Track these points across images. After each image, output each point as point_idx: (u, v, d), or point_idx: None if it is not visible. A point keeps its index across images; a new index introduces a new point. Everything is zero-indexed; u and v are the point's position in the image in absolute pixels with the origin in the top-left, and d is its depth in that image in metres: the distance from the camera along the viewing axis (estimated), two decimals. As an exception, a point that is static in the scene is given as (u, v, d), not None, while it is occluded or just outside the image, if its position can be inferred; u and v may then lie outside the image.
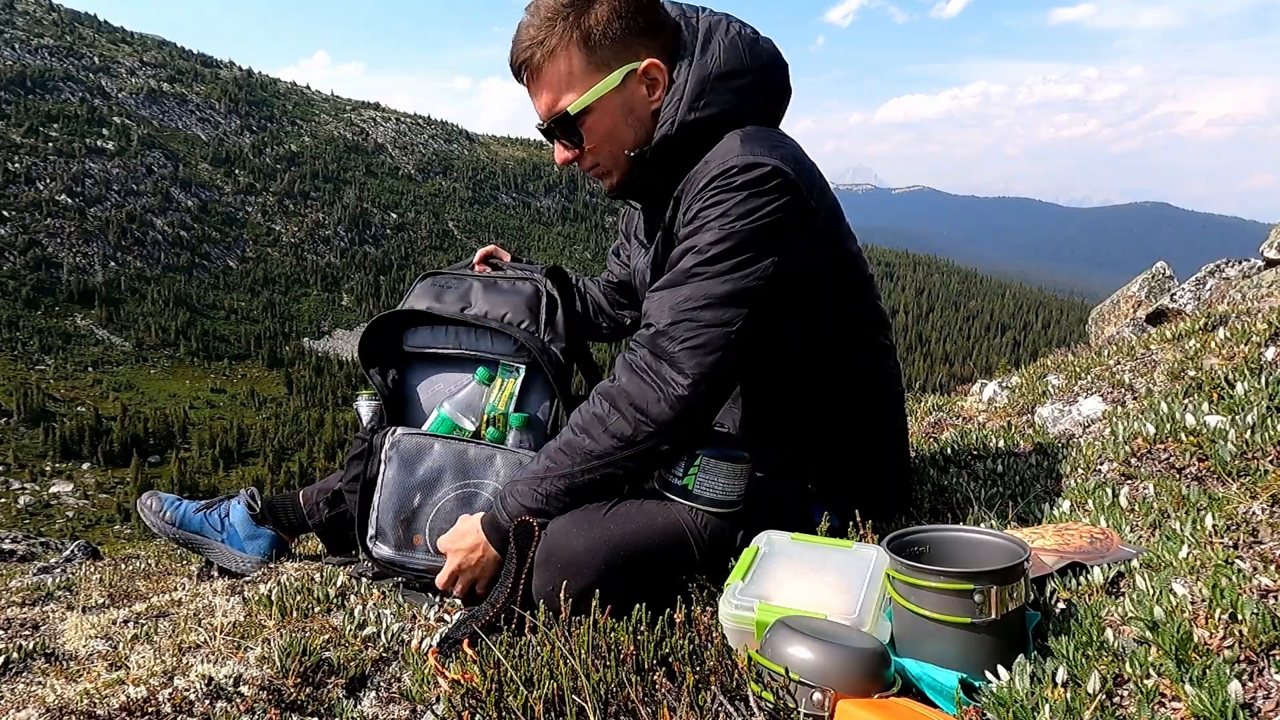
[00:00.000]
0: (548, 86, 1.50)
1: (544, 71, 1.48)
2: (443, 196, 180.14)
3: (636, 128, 1.52)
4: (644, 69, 1.49)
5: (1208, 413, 1.79)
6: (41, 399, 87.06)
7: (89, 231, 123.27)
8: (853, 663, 1.01)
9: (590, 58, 1.46)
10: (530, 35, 1.47)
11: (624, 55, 1.48)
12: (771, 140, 1.46)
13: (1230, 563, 1.14)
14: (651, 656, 1.20)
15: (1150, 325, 4.80)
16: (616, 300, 2.13)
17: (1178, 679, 0.91)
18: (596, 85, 1.47)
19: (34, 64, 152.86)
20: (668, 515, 1.48)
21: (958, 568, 1.11)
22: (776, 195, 1.39)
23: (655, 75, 1.50)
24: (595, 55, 1.46)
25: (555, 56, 1.46)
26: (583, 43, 1.45)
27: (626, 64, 1.48)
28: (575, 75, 1.47)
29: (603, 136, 1.52)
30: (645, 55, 1.49)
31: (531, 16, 1.48)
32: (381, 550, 1.77)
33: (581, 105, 1.48)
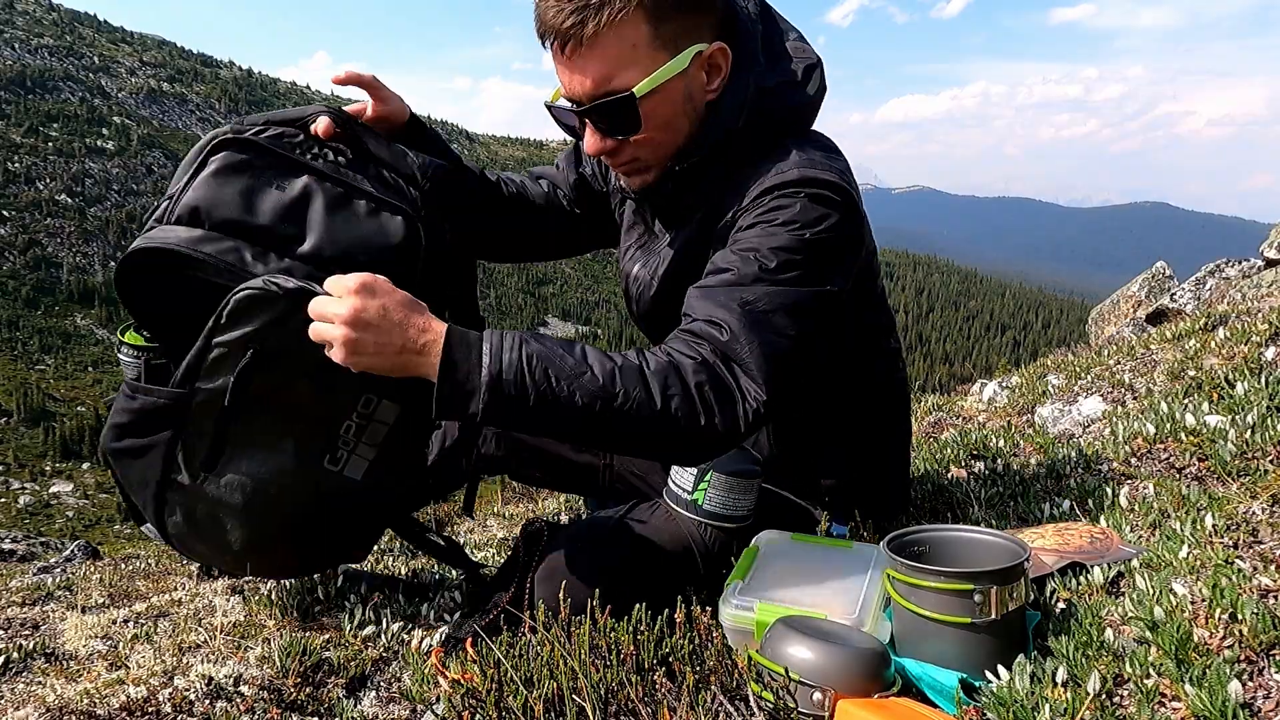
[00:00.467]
0: (600, 60, 1.25)
1: (598, 42, 1.24)
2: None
3: (691, 119, 1.34)
4: (711, 53, 1.31)
5: (1208, 413, 1.79)
6: (41, 399, 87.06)
7: (89, 231, 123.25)
8: (853, 663, 1.01)
9: (657, 32, 1.25)
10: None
11: (691, 34, 1.29)
12: (828, 150, 1.37)
13: (1230, 563, 1.14)
14: (651, 656, 1.20)
15: (1150, 325, 4.80)
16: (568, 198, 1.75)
17: (1178, 679, 0.91)
18: (665, 65, 1.27)
19: (34, 64, 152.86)
20: (675, 530, 1.46)
21: (958, 568, 1.11)
22: (841, 210, 1.29)
23: (720, 62, 1.32)
24: (663, 30, 1.26)
25: (617, 26, 1.22)
26: (651, 14, 1.24)
27: (694, 44, 1.29)
28: (639, 50, 1.25)
29: (659, 125, 1.31)
30: (710, 35, 1.31)
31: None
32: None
33: (649, 87, 1.26)
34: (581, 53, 1.26)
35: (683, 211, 1.46)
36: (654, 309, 1.53)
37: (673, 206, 1.47)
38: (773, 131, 1.37)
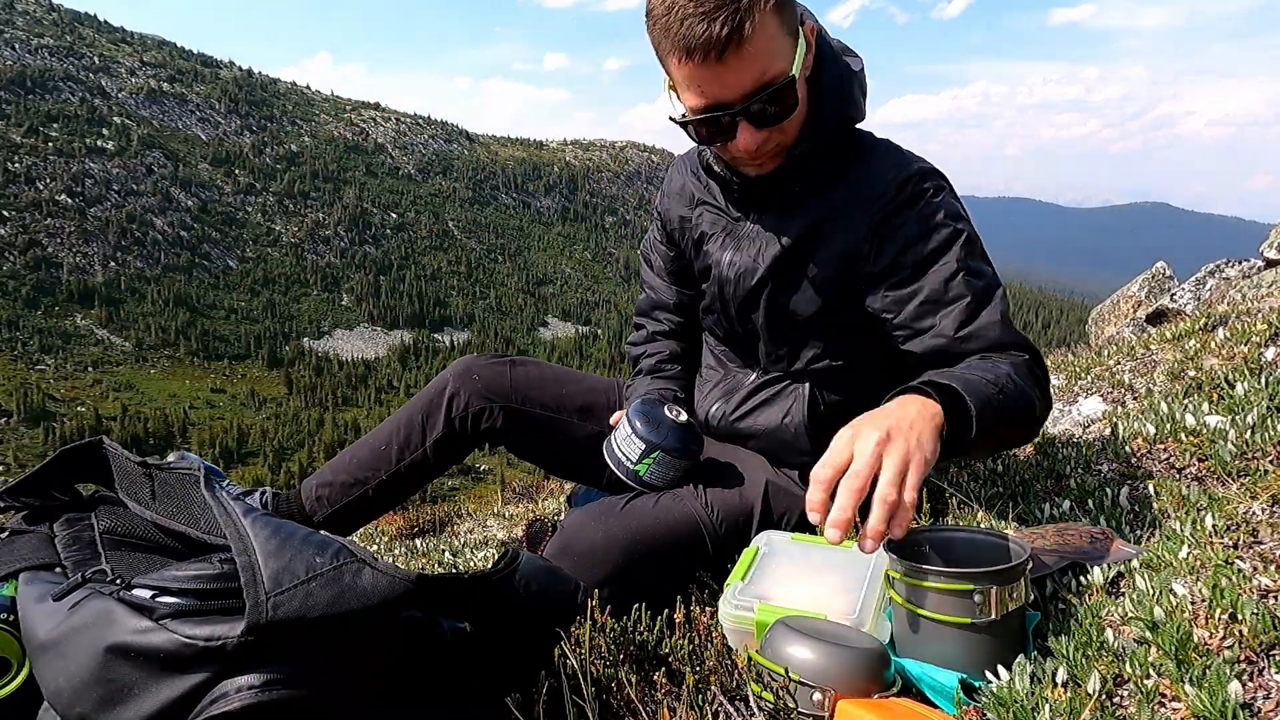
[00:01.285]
0: (754, 57, 1.30)
1: (754, 41, 1.28)
2: (443, 196, 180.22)
3: (808, 98, 1.44)
4: (808, 31, 1.40)
5: (1208, 413, 1.79)
6: (41, 399, 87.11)
7: (89, 231, 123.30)
8: (853, 663, 1.01)
9: (783, 21, 1.33)
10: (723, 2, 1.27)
11: (797, 18, 1.39)
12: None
13: (1230, 563, 1.14)
14: (651, 656, 1.21)
15: (1150, 325, 4.80)
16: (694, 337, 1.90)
17: (1178, 679, 0.92)
18: (799, 47, 1.37)
19: (34, 64, 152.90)
20: (683, 509, 1.50)
21: (957, 568, 1.11)
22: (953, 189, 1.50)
23: (812, 40, 1.42)
24: (785, 18, 1.34)
25: (763, 22, 1.29)
26: (776, 8, 1.31)
27: (800, 27, 1.39)
28: (777, 40, 1.32)
29: (801, 104, 1.41)
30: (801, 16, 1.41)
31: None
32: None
33: (798, 68, 1.35)
34: (740, 54, 1.30)
35: (785, 197, 1.54)
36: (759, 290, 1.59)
37: (776, 192, 1.53)
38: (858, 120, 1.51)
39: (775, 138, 1.42)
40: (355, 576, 0.90)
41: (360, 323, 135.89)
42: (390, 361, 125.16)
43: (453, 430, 1.81)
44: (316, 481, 1.92)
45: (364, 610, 0.89)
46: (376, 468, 1.84)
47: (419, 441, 1.82)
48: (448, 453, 1.84)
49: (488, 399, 1.80)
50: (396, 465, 1.83)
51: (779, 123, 1.39)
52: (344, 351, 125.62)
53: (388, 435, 1.85)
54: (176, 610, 0.88)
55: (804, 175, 1.50)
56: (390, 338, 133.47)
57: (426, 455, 1.82)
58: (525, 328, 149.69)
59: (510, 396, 1.81)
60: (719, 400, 1.73)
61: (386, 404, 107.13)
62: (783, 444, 1.64)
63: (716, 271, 1.66)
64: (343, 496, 1.87)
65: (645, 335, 1.93)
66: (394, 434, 1.85)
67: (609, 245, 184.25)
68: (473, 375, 1.83)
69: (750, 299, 1.60)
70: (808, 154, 1.47)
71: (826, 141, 1.48)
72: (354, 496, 1.85)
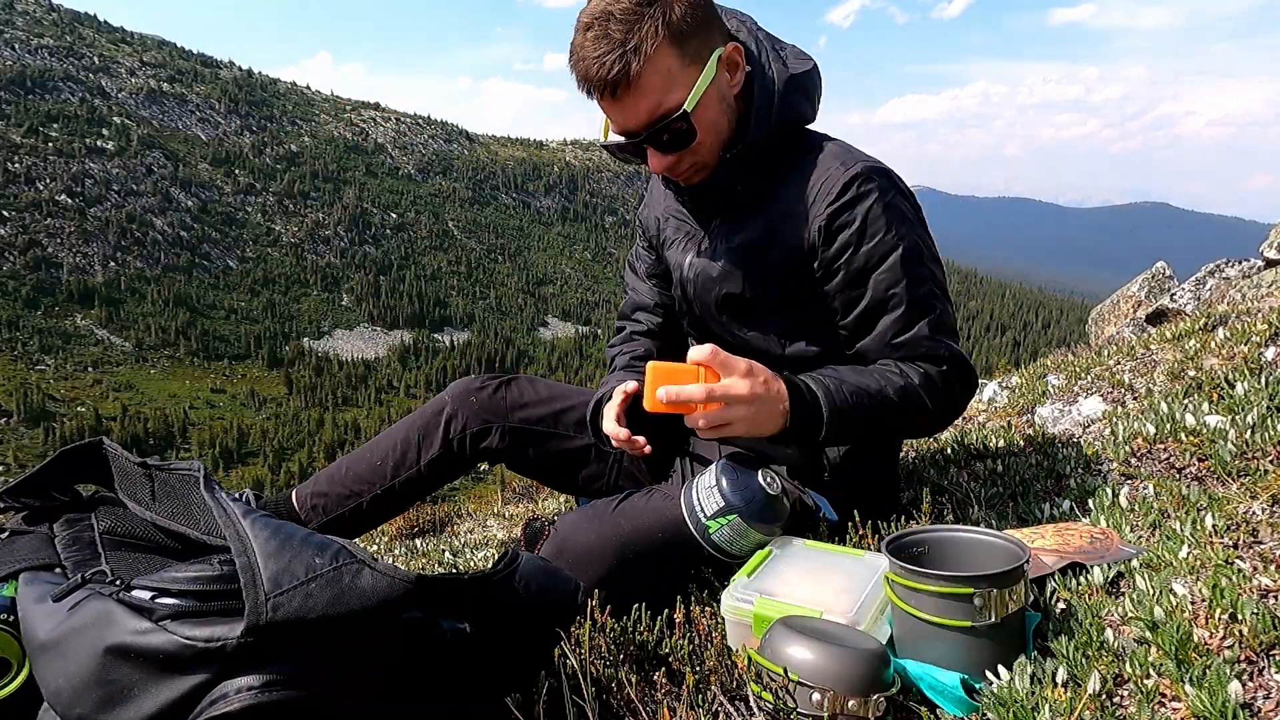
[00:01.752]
0: (649, 92, 1.40)
1: (643, 77, 1.38)
2: (443, 196, 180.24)
3: (729, 115, 1.50)
4: (728, 53, 1.46)
5: (1208, 413, 1.79)
6: (41, 399, 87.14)
7: (89, 231, 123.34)
8: (851, 663, 1.01)
9: (684, 52, 1.40)
10: (615, 43, 1.37)
11: (708, 42, 1.44)
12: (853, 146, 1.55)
13: (1230, 563, 1.14)
14: (651, 656, 1.20)
15: (1150, 325, 4.80)
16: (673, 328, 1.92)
17: (1178, 679, 0.91)
18: (700, 77, 1.42)
19: (34, 64, 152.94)
20: (676, 510, 1.50)
21: (957, 568, 1.11)
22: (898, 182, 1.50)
23: (736, 58, 1.47)
24: (688, 49, 1.41)
25: (653, 59, 1.37)
26: (675, 38, 1.38)
27: (713, 50, 1.44)
28: (674, 72, 1.40)
29: (708, 129, 1.47)
30: (719, 39, 1.46)
31: (604, 24, 1.38)
32: None
33: (694, 100, 1.42)
34: (631, 92, 1.40)
35: (735, 201, 1.59)
36: (718, 290, 1.64)
37: (726, 197, 1.60)
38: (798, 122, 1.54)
39: (686, 159, 1.49)
40: (355, 577, 0.90)
41: (360, 323, 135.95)
42: (390, 361, 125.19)
43: (449, 451, 1.83)
44: (311, 490, 1.92)
45: (363, 611, 0.89)
46: (372, 482, 1.85)
47: (414, 460, 1.84)
48: (443, 471, 1.86)
49: (485, 420, 1.82)
50: (391, 481, 1.84)
51: (681, 149, 1.47)
52: (344, 351, 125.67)
53: (384, 451, 1.87)
54: (176, 611, 0.88)
55: (746, 179, 1.55)
56: (390, 338, 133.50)
57: (421, 473, 1.84)
58: (525, 328, 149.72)
59: (508, 416, 1.83)
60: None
61: (386, 404, 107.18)
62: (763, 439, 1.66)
63: (678, 274, 1.73)
64: (337, 508, 1.87)
65: (624, 336, 1.95)
66: (390, 450, 1.86)
67: (609, 245, 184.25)
68: (470, 398, 1.85)
69: (711, 299, 1.65)
70: (743, 160, 1.52)
71: (766, 146, 1.51)
72: (348, 508, 1.86)
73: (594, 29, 1.38)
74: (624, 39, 1.36)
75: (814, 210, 1.49)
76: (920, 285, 1.47)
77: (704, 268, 1.65)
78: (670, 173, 1.53)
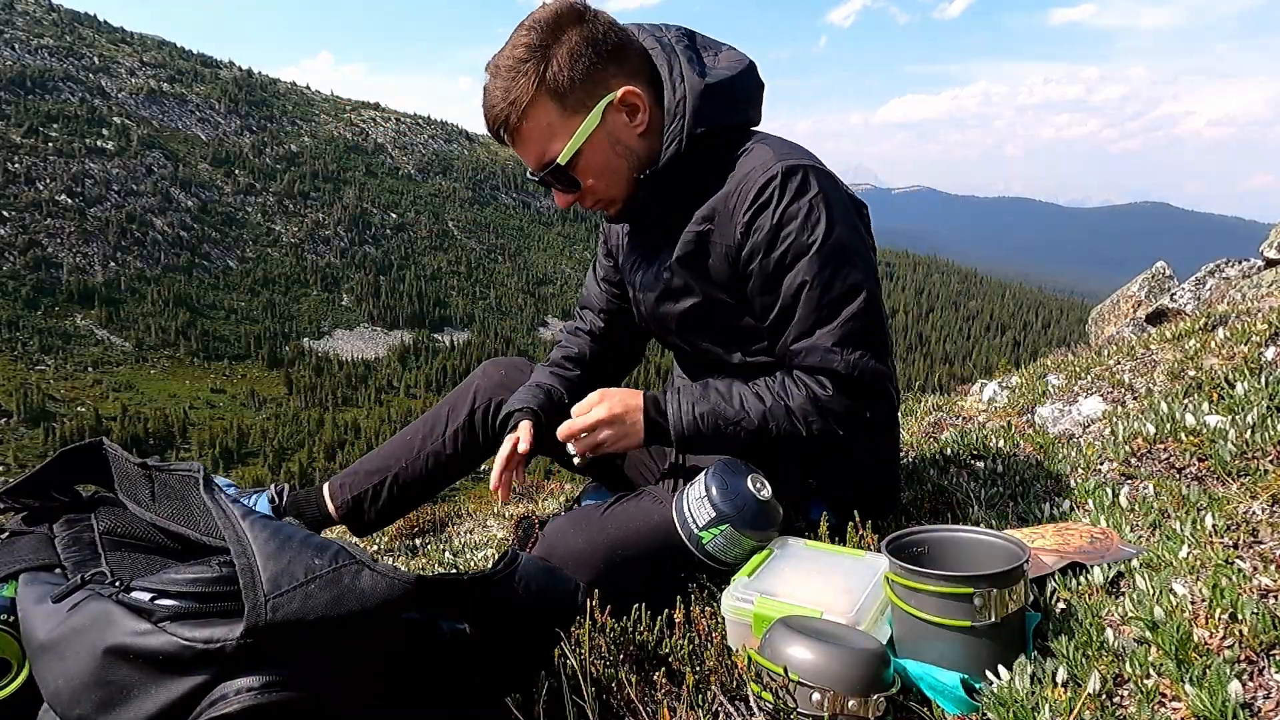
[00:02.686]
0: (531, 141, 1.48)
1: (523, 129, 1.46)
2: (443, 196, 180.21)
3: (627, 155, 1.52)
4: (620, 98, 1.47)
5: (1208, 413, 1.79)
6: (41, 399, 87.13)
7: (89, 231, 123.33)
8: (852, 663, 1.01)
9: (564, 104, 1.45)
10: (499, 96, 1.45)
11: (596, 91, 1.46)
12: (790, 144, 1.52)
13: (1230, 563, 1.14)
14: (651, 656, 1.20)
15: (1150, 325, 4.80)
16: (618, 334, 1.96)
17: (1178, 679, 0.91)
18: (579, 129, 1.46)
19: (34, 64, 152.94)
20: (664, 513, 1.50)
21: (957, 568, 1.11)
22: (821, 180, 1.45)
23: (633, 101, 1.49)
24: (568, 100, 1.45)
25: (530, 113, 1.44)
26: (552, 94, 1.43)
27: (601, 99, 1.46)
28: (554, 125, 1.46)
29: (597, 173, 1.51)
30: (616, 84, 1.47)
31: (494, 77, 1.46)
32: None
33: (570, 152, 1.47)
34: (516, 139, 1.49)
35: (666, 219, 1.59)
36: (659, 307, 1.66)
37: (654, 217, 1.61)
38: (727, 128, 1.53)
39: (586, 197, 1.56)
40: (354, 578, 0.90)
41: (360, 323, 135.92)
42: (390, 361, 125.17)
43: (473, 421, 1.92)
44: (343, 474, 2.03)
45: (363, 612, 0.89)
46: (399, 457, 1.96)
47: (441, 431, 1.94)
48: (467, 444, 1.94)
49: (509, 391, 1.88)
50: (417, 454, 1.94)
51: (574, 192, 1.54)
52: (344, 351, 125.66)
53: (415, 428, 1.99)
54: (175, 612, 0.88)
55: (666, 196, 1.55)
56: (390, 338, 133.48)
57: (444, 443, 1.93)
58: (525, 328, 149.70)
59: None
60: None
61: (386, 404, 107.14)
62: None
63: (632, 292, 1.77)
64: (364, 483, 1.98)
65: (571, 328, 2.00)
66: (421, 426, 1.98)
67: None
68: (498, 371, 1.95)
69: (661, 315, 1.67)
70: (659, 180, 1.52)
71: (682, 161, 1.51)
72: (373, 484, 1.96)
73: (489, 78, 1.47)
74: (505, 92, 1.44)
75: (735, 216, 1.48)
76: (830, 291, 1.42)
77: (650, 284, 1.66)
78: (580, 205, 1.59)
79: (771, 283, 1.46)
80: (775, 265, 1.44)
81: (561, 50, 1.43)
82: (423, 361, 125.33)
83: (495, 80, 1.46)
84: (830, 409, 1.43)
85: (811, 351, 1.44)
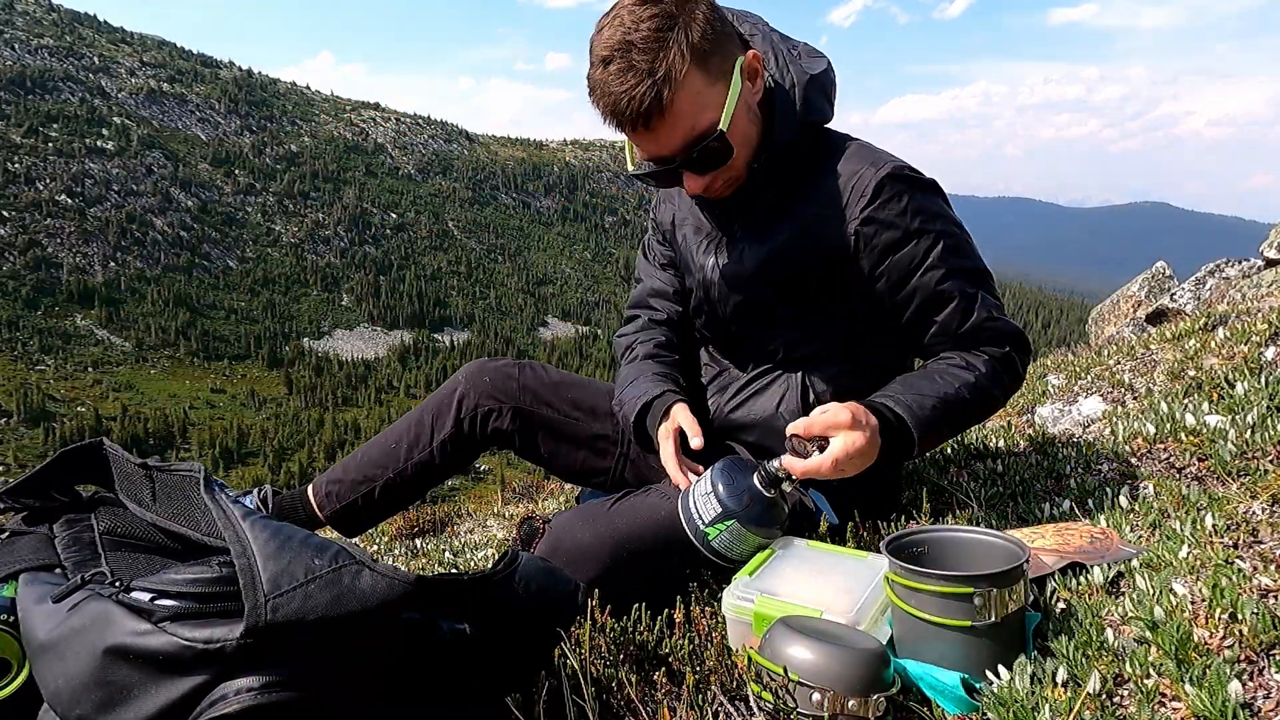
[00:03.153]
0: (680, 119, 1.38)
1: (676, 105, 1.36)
2: (443, 196, 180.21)
3: (757, 124, 1.49)
4: (748, 62, 1.44)
5: (1208, 412, 1.79)
6: (41, 399, 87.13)
7: (89, 231, 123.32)
8: (852, 663, 1.01)
9: (708, 70, 1.38)
10: (641, 75, 1.33)
11: (729, 55, 1.42)
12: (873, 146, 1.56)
13: (1230, 562, 1.14)
14: (651, 656, 1.20)
15: (1150, 325, 4.80)
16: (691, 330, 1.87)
17: (1178, 679, 0.91)
18: (729, 94, 1.40)
19: (34, 64, 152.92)
20: (670, 509, 1.50)
21: (957, 568, 1.11)
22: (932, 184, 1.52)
23: (756, 66, 1.46)
24: (712, 65, 1.38)
25: (683, 85, 1.35)
26: (699, 59, 1.36)
27: (734, 62, 1.42)
28: (704, 93, 1.38)
29: (741, 142, 1.46)
30: (736, 49, 1.44)
31: (625, 57, 1.34)
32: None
33: (728, 119, 1.40)
34: (664, 119, 1.37)
35: (760, 206, 1.57)
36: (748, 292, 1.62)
37: (752, 204, 1.58)
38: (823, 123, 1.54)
39: (723, 175, 1.49)
40: (354, 579, 0.90)
41: (360, 323, 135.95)
42: (390, 361, 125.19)
43: (460, 430, 1.83)
44: (327, 479, 1.95)
45: (363, 612, 0.89)
46: (385, 465, 1.87)
47: (428, 440, 1.84)
48: (455, 453, 1.86)
49: (496, 399, 1.82)
50: (404, 464, 1.85)
51: (717, 168, 1.47)
52: (344, 351, 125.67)
53: (398, 435, 1.88)
54: (175, 613, 0.88)
55: (773, 184, 1.55)
56: (390, 338, 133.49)
57: (433, 454, 1.84)
58: (525, 328, 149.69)
59: (519, 397, 1.83)
60: (714, 395, 1.74)
61: (386, 404, 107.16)
62: (777, 433, 1.64)
63: (701, 276, 1.69)
64: (351, 493, 1.89)
65: (640, 324, 1.89)
66: (405, 433, 1.88)
67: (609, 245, 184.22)
68: (483, 376, 1.86)
69: (736, 302, 1.64)
70: (770, 168, 1.52)
71: (789, 151, 1.51)
72: (361, 494, 1.88)
73: (615, 61, 1.34)
74: (651, 68, 1.33)
75: (848, 213, 1.48)
76: (967, 274, 1.50)
77: (731, 271, 1.63)
78: (706, 192, 1.52)
79: (906, 279, 1.50)
80: (909, 262, 1.48)
81: (697, 15, 1.37)
82: (423, 361, 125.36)
83: (630, 58, 1.33)
84: (1012, 367, 1.53)
85: (977, 330, 1.51)
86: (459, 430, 1.83)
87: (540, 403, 1.84)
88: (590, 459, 1.86)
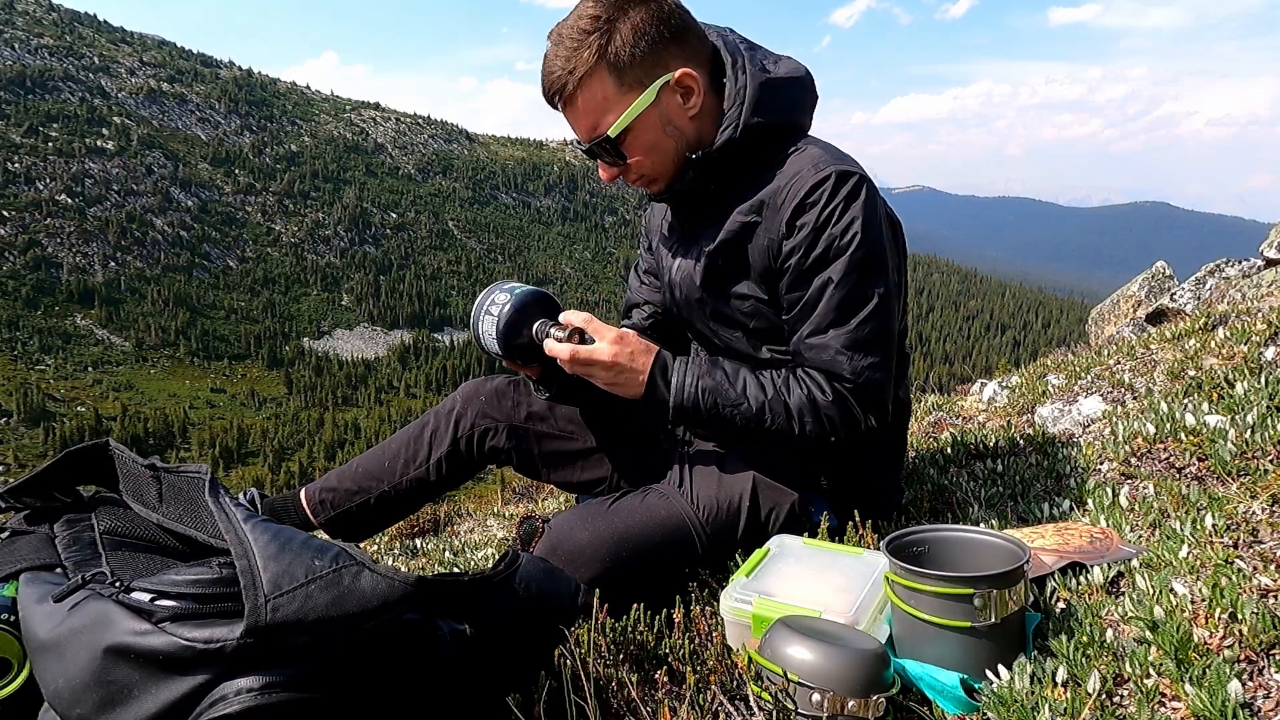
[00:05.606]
0: (585, 112, 1.49)
1: (578, 99, 1.48)
2: (443, 196, 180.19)
3: (676, 136, 1.53)
4: (677, 79, 1.49)
5: (1208, 412, 1.79)
6: (41, 399, 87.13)
7: (89, 231, 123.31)
8: (851, 663, 1.01)
9: (622, 79, 1.46)
10: (559, 64, 1.47)
11: (654, 70, 1.47)
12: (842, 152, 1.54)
13: (1230, 562, 1.14)
14: (651, 656, 1.21)
15: (1150, 325, 4.80)
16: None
17: (1178, 679, 0.91)
18: (632, 105, 1.47)
19: (34, 64, 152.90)
20: (670, 508, 1.50)
21: (957, 568, 1.11)
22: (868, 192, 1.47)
23: (689, 84, 1.50)
24: (626, 76, 1.46)
25: (587, 83, 1.46)
26: (612, 67, 1.45)
27: (658, 78, 1.48)
28: (610, 98, 1.47)
29: (645, 150, 1.53)
30: (675, 65, 1.49)
31: (556, 45, 1.47)
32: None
33: (621, 127, 1.48)
34: (570, 108, 1.51)
35: (714, 206, 1.60)
36: (698, 290, 1.65)
37: (699, 200, 1.62)
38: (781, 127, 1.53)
39: (633, 170, 1.56)
40: (354, 579, 0.90)
41: (360, 323, 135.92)
42: (390, 361, 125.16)
43: (457, 449, 1.86)
44: (320, 486, 1.95)
45: (363, 613, 0.89)
46: (380, 479, 1.89)
47: (425, 458, 1.87)
48: (451, 472, 1.89)
49: (493, 419, 1.85)
50: (400, 479, 1.88)
51: (619, 165, 1.55)
52: (344, 351, 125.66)
53: (395, 450, 1.90)
54: (175, 613, 0.88)
55: (717, 180, 1.56)
56: (390, 338, 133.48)
57: (429, 471, 1.87)
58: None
59: (513, 414, 1.86)
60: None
61: (386, 404, 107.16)
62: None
63: (666, 278, 1.76)
64: (345, 502, 1.90)
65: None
66: (401, 449, 1.89)
67: (609, 245, 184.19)
68: (479, 396, 1.89)
69: (692, 302, 1.67)
70: (712, 163, 1.54)
71: (736, 150, 1.52)
72: (356, 504, 1.89)
73: (551, 44, 1.49)
74: (566, 61, 1.46)
75: (781, 212, 1.49)
76: (853, 296, 1.44)
77: (685, 271, 1.67)
78: (618, 180, 1.60)
79: (803, 278, 1.48)
80: (811, 263, 1.46)
81: (625, 26, 1.44)
82: (423, 361, 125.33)
83: (556, 48, 1.47)
84: (826, 414, 1.45)
85: (822, 349, 1.45)
86: (456, 449, 1.86)
87: (536, 419, 1.87)
88: (587, 471, 1.89)
